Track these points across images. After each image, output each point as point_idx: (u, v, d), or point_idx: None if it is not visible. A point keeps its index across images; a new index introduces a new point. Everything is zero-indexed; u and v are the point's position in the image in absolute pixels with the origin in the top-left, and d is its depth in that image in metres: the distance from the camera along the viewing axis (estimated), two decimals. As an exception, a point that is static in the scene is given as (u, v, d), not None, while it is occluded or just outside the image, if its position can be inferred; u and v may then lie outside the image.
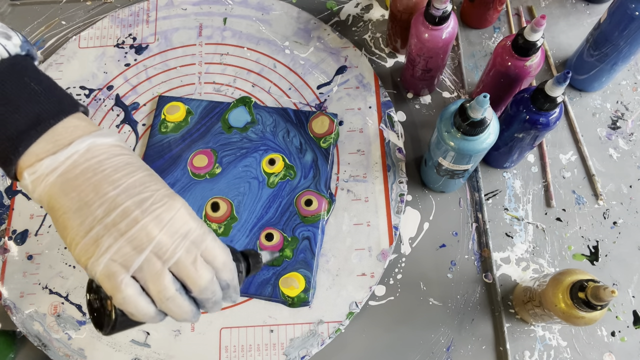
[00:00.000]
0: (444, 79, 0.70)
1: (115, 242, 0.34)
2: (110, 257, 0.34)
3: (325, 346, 0.58)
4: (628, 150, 0.65)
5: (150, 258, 0.35)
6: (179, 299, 0.36)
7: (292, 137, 0.65)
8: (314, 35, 0.71)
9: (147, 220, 0.35)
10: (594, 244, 0.62)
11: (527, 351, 0.58)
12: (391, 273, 0.61)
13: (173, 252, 0.35)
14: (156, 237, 0.35)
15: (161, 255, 0.35)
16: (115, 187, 0.35)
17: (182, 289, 0.36)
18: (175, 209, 0.36)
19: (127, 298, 0.34)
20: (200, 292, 0.37)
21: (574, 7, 0.73)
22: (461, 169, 0.55)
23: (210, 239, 0.37)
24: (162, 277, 0.35)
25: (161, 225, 0.35)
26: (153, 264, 0.35)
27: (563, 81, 0.47)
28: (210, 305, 0.39)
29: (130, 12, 0.73)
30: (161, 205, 0.36)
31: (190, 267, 0.36)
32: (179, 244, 0.36)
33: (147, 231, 0.34)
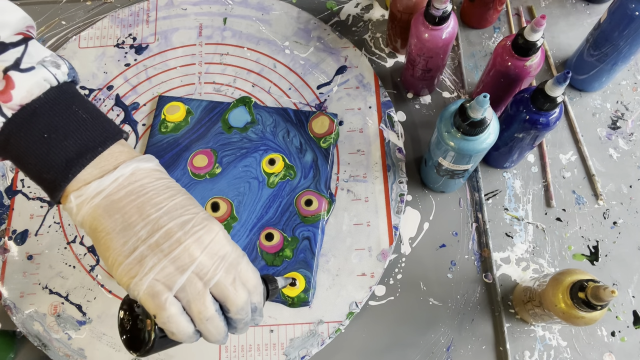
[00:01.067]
0: (444, 79, 0.70)
1: (159, 262, 0.35)
2: (154, 277, 0.35)
3: (325, 346, 0.58)
4: (628, 150, 0.65)
5: (192, 278, 0.35)
6: (217, 319, 0.37)
7: (292, 137, 0.65)
8: (314, 35, 0.71)
9: (190, 242, 0.36)
10: (594, 244, 0.62)
11: (527, 351, 0.58)
12: (391, 273, 0.61)
13: (214, 273, 0.36)
14: (198, 258, 0.36)
15: (202, 276, 0.36)
16: (158, 210, 0.36)
17: (219, 310, 0.37)
18: (214, 231, 0.37)
19: (171, 317, 0.35)
20: (237, 312, 0.38)
21: (574, 7, 0.73)
22: (461, 169, 0.55)
23: (245, 261, 0.39)
24: (203, 297, 0.36)
25: (202, 247, 0.36)
26: (195, 284, 0.35)
27: (563, 81, 0.47)
28: (242, 326, 0.40)
29: (130, 12, 0.73)
30: (202, 227, 0.37)
31: (230, 287, 0.37)
32: (218, 265, 0.37)
33: (190, 252, 0.35)
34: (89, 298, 0.60)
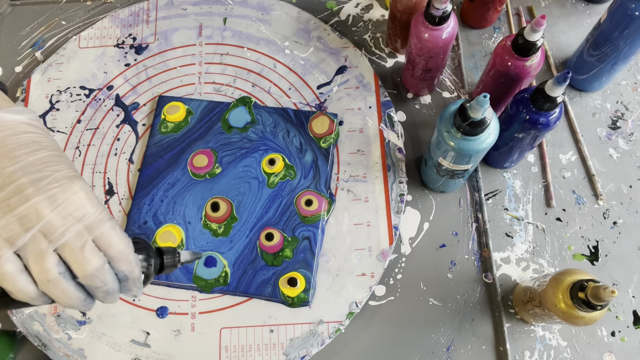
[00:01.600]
0: (444, 79, 0.70)
1: (2, 217, 0.33)
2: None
3: (325, 346, 0.58)
4: (628, 150, 0.65)
5: (36, 237, 0.34)
6: (62, 283, 0.35)
7: (292, 137, 0.65)
8: (314, 35, 0.71)
9: (39, 198, 0.34)
10: (594, 244, 0.62)
11: (527, 351, 0.58)
12: (391, 273, 0.61)
13: (62, 233, 0.34)
14: (46, 217, 0.34)
15: (49, 235, 0.34)
16: (14, 163, 0.35)
17: (67, 273, 0.35)
18: (72, 191, 0.35)
19: (4, 274, 0.33)
20: (86, 278, 0.35)
21: (574, 7, 0.73)
22: (461, 169, 0.55)
23: (108, 226, 0.36)
24: (45, 258, 0.34)
25: (54, 206, 0.34)
26: (38, 244, 0.34)
27: (563, 81, 0.47)
28: (102, 295, 0.37)
29: (130, 12, 0.73)
30: (58, 185, 0.35)
31: (77, 251, 0.35)
32: (70, 227, 0.34)
33: (38, 209, 0.34)
34: (89, 298, 0.60)
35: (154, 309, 0.59)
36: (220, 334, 0.58)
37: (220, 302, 0.59)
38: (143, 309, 0.59)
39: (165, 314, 0.59)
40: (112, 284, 0.37)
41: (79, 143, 0.67)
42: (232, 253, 0.60)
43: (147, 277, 0.40)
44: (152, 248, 0.41)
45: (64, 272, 0.35)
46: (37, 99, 0.69)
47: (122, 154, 0.66)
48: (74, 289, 0.35)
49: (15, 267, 0.34)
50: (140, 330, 0.59)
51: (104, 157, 0.66)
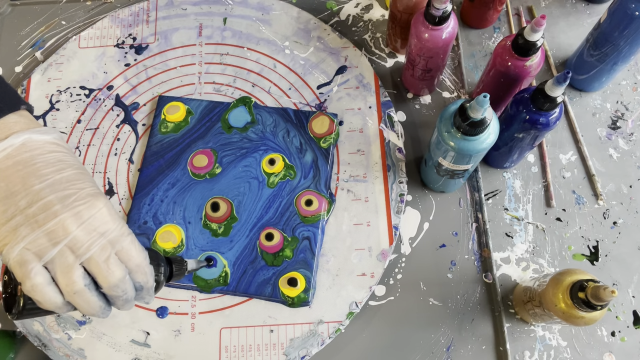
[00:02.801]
0: (444, 79, 0.70)
1: (32, 232, 0.36)
2: (24, 246, 0.35)
3: (325, 346, 0.58)
4: (628, 150, 0.65)
5: (63, 251, 0.36)
6: (86, 294, 0.37)
7: (292, 137, 0.65)
8: (314, 35, 0.71)
9: (66, 215, 0.36)
10: (594, 244, 0.62)
11: (527, 351, 0.58)
12: (391, 273, 0.61)
13: (87, 248, 0.37)
14: (72, 233, 0.36)
15: (75, 250, 0.36)
16: (41, 181, 0.37)
17: (92, 284, 0.38)
18: (96, 208, 0.38)
19: (35, 286, 0.36)
20: (110, 289, 0.38)
21: (574, 7, 0.73)
22: (461, 169, 0.55)
23: (128, 240, 0.39)
24: (72, 271, 0.36)
25: (79, 222, 0.37)
26: (65, 258, 0.36)
27: (563, 81, 0.47)
28: (121, 304, 0.40)
29: (130, 12, 0.73)
30: (83, 203, 0.37)
31: (102, 264, 0.37)
32: (94, 242, 0.37)
33: (65, 225, 0.36)
34: (89, 298, 0.60)
35: (154, 309, 0.59)
36: (220, 334, 0.58)
37: (220, 302, 0.59)
38: (143, 309, 0.59)
39: (165, 314, 0.59)
40: (130, 292, 0.40)
41: (79, 143, 0.67)
42: (232, 253, 0.60)
43: (158, 285, 0.44)
44: (163, 258, 0.45)
45: (89, 284, 0.37)
46: (37, 99, 0.69)
47: (122, 154, 0.66)
48: (97, 299, 0.38)
49: (44, 279, 0.36)
50: (140, 330, 0.59)
51: (104, 157, 0.66)
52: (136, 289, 0.41)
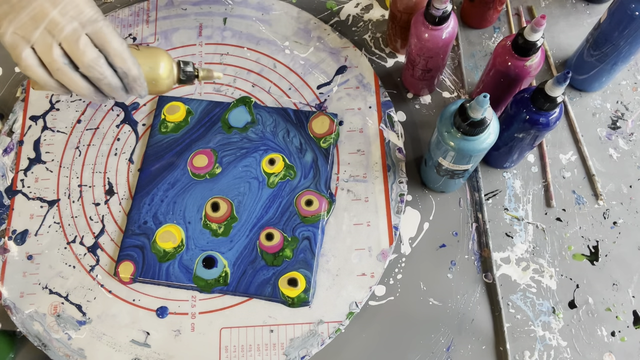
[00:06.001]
0: (444, 79, 0.70)
1: (17, 16, 0.40)
2: (13, 30, 0.41)
3: (325, 346, 0.58)
4: (628, 150, 0.65)
5: (44, 33, 0.41)
6: (68, 72, 0.42)
7: (292, 137, 0.65)
8: (314, 35, 0.71)
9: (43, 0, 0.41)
10: (594, 244, 0.62)
11: (527, 351, 0.58)
12: (391, 273, 0.61)
13: (61, 29, 0.41)
14: (50, 15, 0.41)
15: (52, 31, 0.41)
16: None
17: (71, 64, 0.42)
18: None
19: (27, 67, 0.41)
20: (85, 69, 0.42)
21: (574, 7, 0.73)
22: (461, 169, 0.55)
23: (103, 25, 0.43)
24: (50, 50, 0.41)
25: (55, 5, 0.41)
26: (45, 39, 0.41)
27: (563, 81, 0.47)
28: (107, 89, 0.44)
29: (130, 12, 0.73)
30: None
31: (73, 43, 0.41)
32: (67, 23, 0.41)
33: (42, 9, 0.41)
34: (89, 298, 0.60)
35: (154, 309, 0.59)
36: (220, 334, 0.58)
37: (220, 302, 0.59)
38: (143, 309, 0.59)
39: (165, 314, 0.59)
40: (111, 78, 0.44)
41: (79, 143, 0.67)
42: (232, 253, 0.60)
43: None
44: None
45: (68, 63, 0.42)
46: (37, 99, 0.69)
47: (122, 154, 0.66)
48: (80, 78, 0.43)
49: (34, 61, 0.41)
50: (140, 330, 0.59)
51: (104, 157, 0.66)
52: (120, 77, 0.44)
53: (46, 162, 0.66)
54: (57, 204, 0.64)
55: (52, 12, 0.41)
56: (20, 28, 0.40)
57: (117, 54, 0.43)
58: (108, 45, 0.43)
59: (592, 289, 0.60)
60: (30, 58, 0.41)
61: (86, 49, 0.41)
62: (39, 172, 0.65)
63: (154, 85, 0.48)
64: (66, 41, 0.41)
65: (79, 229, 0.63)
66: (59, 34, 0.41)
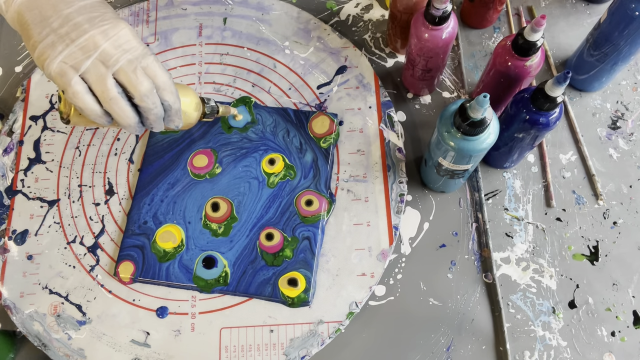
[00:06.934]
0: (444, 79, 0.70)
1: (66, 48, 0.41)
2: (62, 60, 0.41)
3: (325, 346, 0.58)
4: (628, 150, 0.65)
5: (96, 63, 0.41)
6: (120, 101, 0.42)
7: (292, 137, 0.65)
8: (314, 35, 0.71)
9: (95, 32, 0.42)
10: (594, 244, 0.62)
11: (527, 351, 0.58)
12: (391, 273, 0.61)
13: (116, 60, 0.42)
14: (102, 46, 0.42)
15: (105, 61, 0.42)
16: (69, 7, 0.42)
17: (124, 93, 0.43)
18: (120, 27, 0.43)
19: (75, 93, 0.41)
20: (140, 98, 0.43)
21: (574, 7, 0.73)
22: (461, 169, 0.55)
23: (152, 59, 0.44)
24: (105, 79, 0.41)
25: (106, 38, 0.42)
26: (98, 68, 0.41)
27: (563, 81, 0.47)
28: (153, 118, 0.45)
29: (130, 12, 0.73)
30: (108, 22, 0.43)
31: (131, 74, 0.42)
32: (121, 55, 0.42)
33: (94, 41, 0.41)
34: (89, 298, 0.60)
35: (154, 309, 0.59)
36: (220, 334, 0.58)
37: (220, 302, 0.59)
38: (143, 309, 0.59)
39: (165, 314, 0.59)
40: (160, 108, 0.45)
41: (79, 143, 0.67)
42: (232, 253, 0.60)
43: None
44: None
45: (121, 92, 0.42)
46: (37, 99, 0.69)
47: (122, 154, 0.66)
48: (130, 108, 0.43)
49: (83, 88, 0.41)
50: (140, 330, 0.59)
51: (104, 157, 0.66)
52: (165, 109, 0.46)
53: (46, 162, 0.66)
54: (57, 204, 0.64)
55: (104, 44, 0.42)
56: (69, 57, 0.41)
57: (165, 87, 0.45)
58: (158, 78, 0.44)
59: (592, 289, 0.60)
60: (80, 85, 0.41)
61: (144, 80, 0.43)
62: (39, 172, 0.65)
63: (187, 118, 0.51)
64: (123, 71, 0.42)
65: (79, 229, 0.63)
66: (114, 64, 0.42)
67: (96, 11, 0.43)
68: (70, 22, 0.42)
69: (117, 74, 0.42)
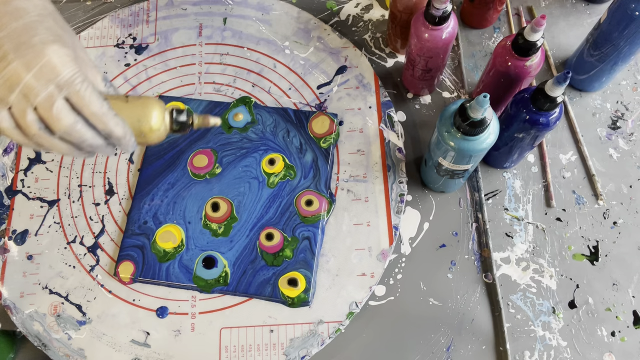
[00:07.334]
0: (444, 79, 0.70)
1: None
2: None
3: (325, 346, 0.58)
4: (628, 150, 0.65)
5: (19, 98, 0.38)
6: (44, 137, 0.39)
7: (292, 137, 0.65)
8: (314, 35, 0.71)
9: (17, 63, 0.38)
10: (594, 244, 0.62)
11: (527, 351, 0.58)
12: (391, 273, 0.61)
13: (36, 94, 0.38)
14: (24, 79, 0.38)
15: (27, 95, 0.38)
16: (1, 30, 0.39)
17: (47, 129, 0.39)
18: (44, 55, 0.38)
19: (3, 129, 0.39)
20: (62, 135, 0.40)
21: (574, 7, 0.73)
22: (461, 169, 0.55)
23: (79, 87, 0.39)
24: (25, 116, 0.38)
25: (28, 69, 0.38)
26: (20, 104, 0.38)
27: (563, 81, 0.47)
28: (89, 149, 0.42)
29: (130, 12, 0.73)
30: (32, 51, 0.38)
31: (47, 110, 0.38)
32: (42, 88, 0.38)
33: (17, 73, 0.38)
34: (89, 298, 0.60)
35: (154, 309, 0.59)
36: (220, 334, 0.58)
37: (220, 302, 0.59)
38: (143, 309, 0.59)
39: (165, 314, 0.59)
40: (92, 140, 0.41)
41: (79, 143, 0.67)
42: (232, 253, 0.60)
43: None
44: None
45: (44, 128, 0.39)
46: (37, 99, 0.69)
47: (122, 154, 0.66)
48: (59, 142, 0.40)
49: (9, 124, 0.39)
50: (140, 330, 0.59)
51: (104, 157, 0.66)
52: (104, 137, 0.42)
53: (46, 162, 0.66)
54: (57, 204, 0.64)
55: (26, 76, 0.38)
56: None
57: (96, 117, 0.40)
58: (86, 108, 0.40)
59: (592, 289, 0.60)
60: (5, 121, 0.39)
61: (60, 115, 0.39)
62: (39, 172, 0.66)
63: (144, 138, 0.44)
64: (41, 107, 0.38)
65: (79, 229, 0.63)
66: (33, 98, 0.38)
67: (26, 34, 0.39)
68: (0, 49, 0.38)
69: (37, 108, 0.38)
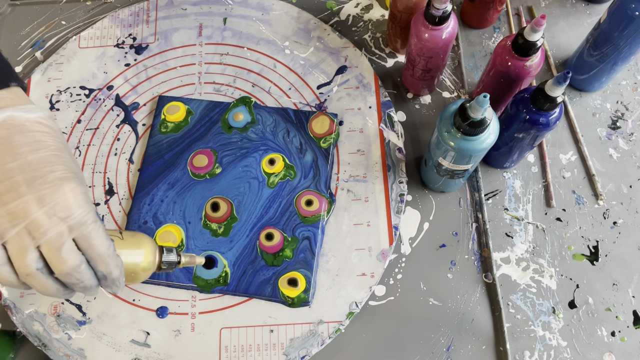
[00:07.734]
0: (444, 79, 0.70)
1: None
2: None
3: (325, 346, 0.58)
4: (628, 150, 0.65)
5: (21, 233, 0.36)
6: (40, 277, 0.37)
7: (292, 137, 0.65)
8: (314, 35, 0.71)
9: (29, 197, 0.36)
10: (594, 244, 0.62)
11: (527, 351, 0.58)
12: (391, 273, 0.61)
13: (44, 232, 0.36)
14: (32, 215, 0.36)
15: (33, 232, 0.36)
16: (14, 160, 0.37)
17: (45, 268, 0.37)
18: (61, 192, 0.37)
19: None
20: (62, 276, 0.38)
21: (574, 7, 0.73)
22: (461, 169, 0.55)
23: (90, 228, 0.38)
24: (25, 254, 0.36)
25: (41, 205, 0.36)
26: (22, 240, 0.36)
27: (563, 81, 0.47)
28: (80, 290, 0.40)
29: (130, 12, 0.73)
30: (48, 186, 0.37)
31: (55, 250, 0.37)
32: (52, 227, 0.36)
33: (26, 207, 0.36)
34: (89, 298, 0.60)
35: (154, 309, 0.59)
36: (220, 334, 0.58)
37: (220, 302, 0.59)
38: (143, 309, 0.59)
39: (165, 314, 0.59)
40: (88, 281, 0.39)
41: (79, 143, 0.67)
42: (232, 253, 0.60)
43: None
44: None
45: (42, 268, 0.37)
46: (37, 99, 0.69)
47: (122, 154, 0.66)
48: (52, 282, 0.38)
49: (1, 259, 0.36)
50: (140, 330, 0.59)
51: (104, 157, 0.66)
52: (99, 278, 0.40)
53: (46, 162, 0.66)
54: None
55: (36, 212, 0.36)
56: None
57: (101, 259, 0.39)
58: (93, 250, 0.38)
59: (592, 289, 0.60)
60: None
61: (68, 257, 0.37)
62: (39, 172, 0.65)
63: (132, 278, 0.44)
64: (47, 246, 0.37)
65: None
66: (40, 237, 0.36)
67: (42, 168, 0.38)
68: (9, 180, 0.36)
69: (43, 247, 0.37)
